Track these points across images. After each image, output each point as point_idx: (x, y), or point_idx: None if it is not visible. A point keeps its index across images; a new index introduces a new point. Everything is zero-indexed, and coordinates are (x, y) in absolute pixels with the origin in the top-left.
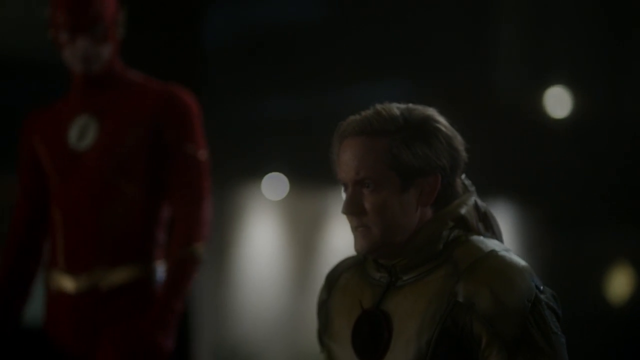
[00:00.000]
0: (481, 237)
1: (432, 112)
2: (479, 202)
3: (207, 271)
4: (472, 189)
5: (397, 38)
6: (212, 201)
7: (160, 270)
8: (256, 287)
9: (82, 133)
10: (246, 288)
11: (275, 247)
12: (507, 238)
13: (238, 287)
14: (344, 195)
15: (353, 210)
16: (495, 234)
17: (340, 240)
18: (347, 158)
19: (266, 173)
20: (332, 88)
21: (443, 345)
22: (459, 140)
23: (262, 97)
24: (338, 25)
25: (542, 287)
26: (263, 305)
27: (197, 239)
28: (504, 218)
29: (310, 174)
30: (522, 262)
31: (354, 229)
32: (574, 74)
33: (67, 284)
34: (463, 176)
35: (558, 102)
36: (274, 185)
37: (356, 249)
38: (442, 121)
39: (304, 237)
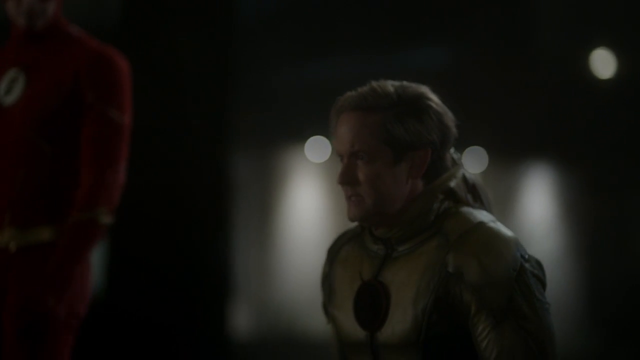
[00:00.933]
0: (470, 209)
1: (425, 90)
2: (468, 174)
3: (251, 234)
4: (461, 162)
5: (438, 1)
6: (125, 168)
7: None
8: (299, 250)
9: (10, 87)
10: (289, 251)
11: (318, 209)
12: (547, 201)
13: (281, 250)
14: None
15: (347, 180)
16: (483, 204)
17: None
18: (343, 131)
19: (309, 136)
20: (374, 52)
21: (437, 313)
22: (449, 117)
23: (306, 62)
24: None
25: (527, 256)
26: (306, 268)
27: (102, 203)
28: (545, 180)
29: None
30: (508, 233)
31: (348, 198)
32: (620, 35)
33: None
34: (452, 150)
35: (603, 63)
36: (317, 148)
37: (349, 217)
38: (433, 99)
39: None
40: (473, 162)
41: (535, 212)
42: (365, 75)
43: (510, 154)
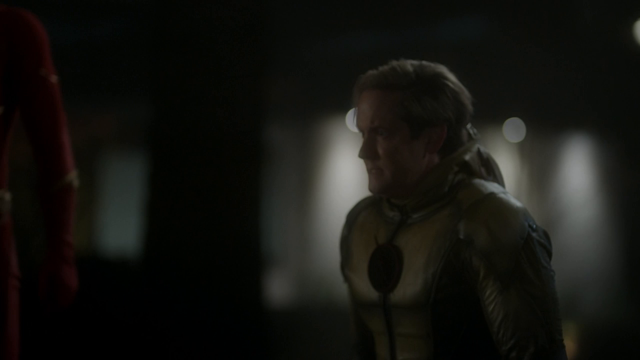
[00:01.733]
0: (482, 181)
1: (442, 69)
2: (482, 149)
3: (293, 205)
4: (477, 137)
5: None
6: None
7: (7, 198)
8: (340, 220)
9: None
10: (330, 221)
11: (359, 179)
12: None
13: (322, 220)
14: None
15: (368, 154)
16: (496, 177)
17: None
18: (364, 108)
19: (350, 107)
20: (412, 24)
21: (447, 277)
22: (465, 95)
23: (346, 33)
24: None
25: (534, 226)
26: None
27: (71, 168)
28: (583, 151)
29: None
30: (517, 204)
31: (369, 171)
32: None
33: None
34: (469, 125)
35: None
36: None
37: (369, 189)
38: (450, 78)
39: None
40: (511, 133)
41: (574, 182)
42: (403, 46)
43: (549, 125)
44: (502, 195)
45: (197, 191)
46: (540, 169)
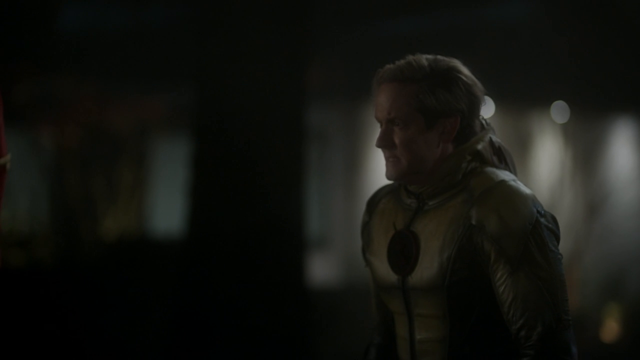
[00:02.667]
0: (494, 169)
1: (456, 63)
2: (494, 138)
3: (337, 187)
4: (489, 127)
5: None
6: None
7: None
8: None
9: None
10: None
11: None
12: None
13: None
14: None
15: (385, 144)
16: (507, 165)
17: None
18: (381, 100)
19: None
20: (457, 7)
21: (460, 260)
22: (478, 88)
23: (390, 15)
24: None
25: (543, 212)
26: None
27: (5, 152)
28: (628, 133)
29: None
30: (526, 190)
31: (386, 159)
32: None
33: None
34: (481, 116)
35: None
36: None
37: (387, 176)
38: (463, 71)
39: None
40: (556, 115)
41: (618, 163)
42: (446, 30)
43: (594, 107)
44: (512, 183)
45: (241, 174)
46: (585, 150)
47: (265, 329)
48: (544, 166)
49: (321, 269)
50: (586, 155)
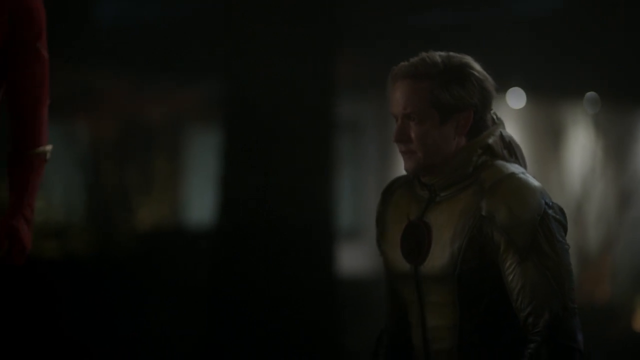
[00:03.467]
0: (504, 162)
1: (468, 59)
2: (505, 132)
3: (368, 178)
4: (500, 122)
5: None
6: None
7: None
8: None
9: None
10: None
11: None
12: None
13: None
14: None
15: (401, 138)
16: (517, 159)
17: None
18: (397, 96)
19: None
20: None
21: (471, 250)
22: (489, 83)
23: (420, 6)
24: None
25: (550, 203)
26: None
27: (46, 142)
28: None
29: None
30: (535, 183)
31: (402, 153)
32: None
33: None
34: (493, 111)
35: None
36: None
37: (405, 169)
38: (475, 67)
39: None
40: (588, 107)
41: None
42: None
43: (625, 98)
44: (521, 176)
45: (273, 165)
46: (616, 141)
47: (296, 319)
48: (576, 156)
49: (351, 260)
50: (617, 145)
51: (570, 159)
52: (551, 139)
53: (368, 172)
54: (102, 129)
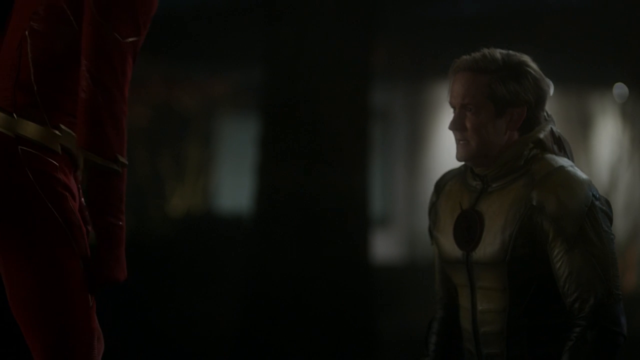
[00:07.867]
0: (554, 156)
1: (526, 58)
2: (555, 129)
3: (401, 165)
4: (551, 119)
5: None
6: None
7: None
8: None
9: None
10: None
11: None
12: None
13: (430, 180)
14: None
15: (457, 127)
16: (566, 153)
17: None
18: (457, 87)
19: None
20: None
21: (521, 238)
22: (545, 82)
23: None
24: None
25: (598, 196)
26: None
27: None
28: None
29: None
30: (583, 176)
31: (457, 142)
32: None
33: None
34: (545, 108)
35: None
36: None
37: (457, 157)
38: (532, 66)
39: None
40: (617, 97)
41: None
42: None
43: None
44: (570, 169)
45: (306, 152)
46: None
47: (329, 305)
48: (604, 146)
49: (384, 247)
50: None
51: (598, 149)
52: (579, 128)
53: (397, 161)
54: (136, 117)
